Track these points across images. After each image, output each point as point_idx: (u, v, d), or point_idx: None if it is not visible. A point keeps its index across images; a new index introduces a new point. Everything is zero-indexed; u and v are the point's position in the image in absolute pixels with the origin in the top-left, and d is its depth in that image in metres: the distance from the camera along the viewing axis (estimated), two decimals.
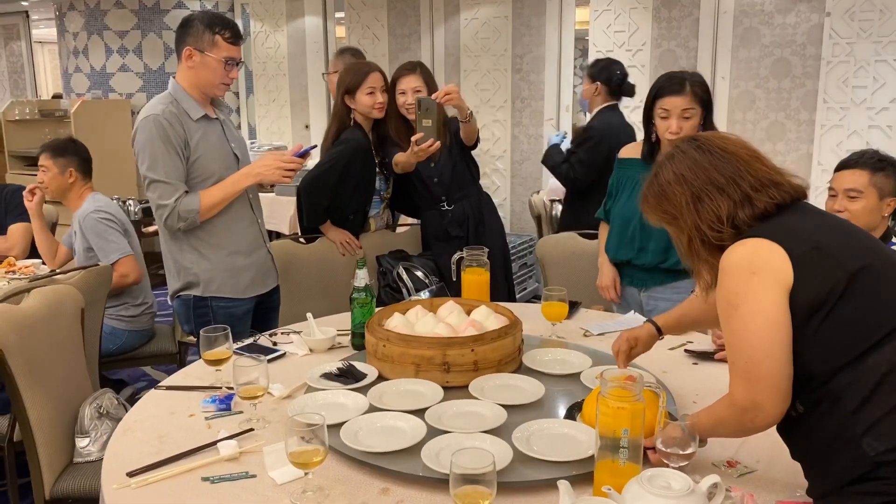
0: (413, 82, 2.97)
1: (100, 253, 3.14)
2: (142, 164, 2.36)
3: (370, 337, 1.94)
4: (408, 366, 1.84)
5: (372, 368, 1.92)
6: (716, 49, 4.67)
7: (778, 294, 1.23)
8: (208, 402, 1.80)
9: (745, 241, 1.29)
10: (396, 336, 1.87)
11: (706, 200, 1.33)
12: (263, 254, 2.60)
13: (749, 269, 1.26)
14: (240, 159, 2.54)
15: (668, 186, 1.38)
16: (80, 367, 2.39)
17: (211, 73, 2.38)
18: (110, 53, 6.61)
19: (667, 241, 2.44)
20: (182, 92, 2.40)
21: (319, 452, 1.37)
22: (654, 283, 2.51)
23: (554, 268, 3.13)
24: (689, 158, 1.37)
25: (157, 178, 2.34)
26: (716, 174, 1.34)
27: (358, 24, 6.12)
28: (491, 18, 5.48)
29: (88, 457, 2.21)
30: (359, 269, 2.17)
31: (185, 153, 2.36)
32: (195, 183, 2.41)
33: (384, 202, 3.24)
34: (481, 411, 1.68)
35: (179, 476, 1.49)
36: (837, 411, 1.22)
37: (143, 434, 1.68)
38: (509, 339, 1.91)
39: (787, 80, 4.53)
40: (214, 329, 1.88)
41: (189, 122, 2.38)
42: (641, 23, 4.91)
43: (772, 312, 1.23)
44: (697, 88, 2.39)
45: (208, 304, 2.47)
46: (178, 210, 2.34)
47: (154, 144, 2.32)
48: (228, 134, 2.53)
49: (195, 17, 2.40)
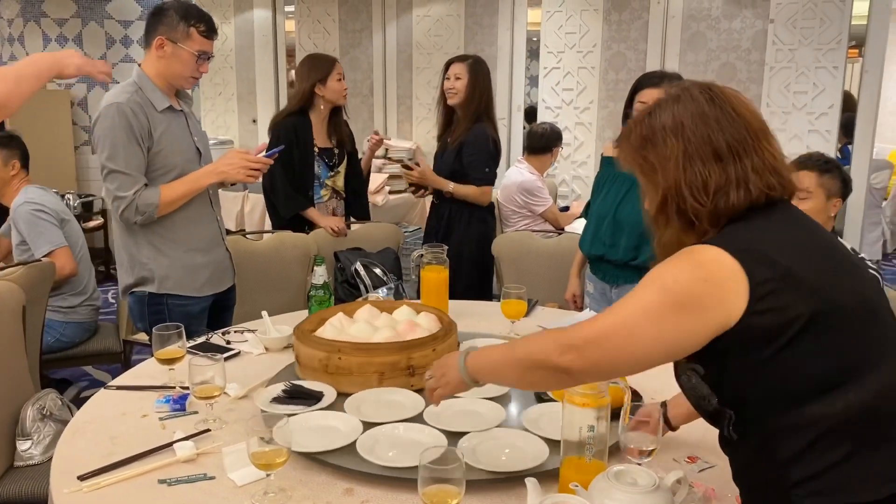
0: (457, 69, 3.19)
1: (31, 244, 3.04)
2: (101, 153, 2.28)
3: (315, 351, 1.78)
4: (370, 375, 1.74)
5: (324, 385, 1.75)
6: (664, 52, 4.77)
7: (703, 327, 1.07)
8: (162, 402, 1.74)
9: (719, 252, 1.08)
10: (352, 346, 1.77)
11: (698, 163, 1.14)
12: (222, 252, 2.54)
13: (704, 279, 1.07)
14: (202, 154, 2.48)
15: (661, 132, 1.17)
16: (21, 367, 2.29)
17: (181, 65, 2.32)
18: (48, 42, 6.36)
19: (638, 238, 2.48)
20: (148, 81, 2.33)
21: (282, 453, 1.34)
22: (624, 280, 2.54)
23: (509, 265, 3.14)
24: (697, 108, 1.16)
25: (116, 169, 2.26)
26: (720, 137, 1.13)
27: (308, 18, 6.04)
28: (443, 16, 5.47)
29: (30, 460, 2.13)
30: (317, 266, 2.14)
31: (147, 144, 2.29)
32: (156, 175, 2.33)
33: (329, 190, 3.28)
34: (475, 408, 1.68)
35: (134, 479, 1.44)
36: (770, 455, 1.11)
37: (93, 435, 1.61)
38: (455, 337, 1.91)
39: (733, 83, 4.63)
40: (167, 327, 1.82)
41: (153, 113, 2.31)
42: (592, 25, 4.97)
43: (675, 337, 1.08)
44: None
45: (164, 301, 2.40)
46: (137, 203, 2.27)
47: (115, 134, 2.24)
48: (192, 127, 2.47)
49: (170, 6, 2.32)
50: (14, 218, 3.10)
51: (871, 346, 1.09)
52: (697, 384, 1.18)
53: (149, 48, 2.34)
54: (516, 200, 4.18)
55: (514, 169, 4.32)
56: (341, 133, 3.29)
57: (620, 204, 2.55)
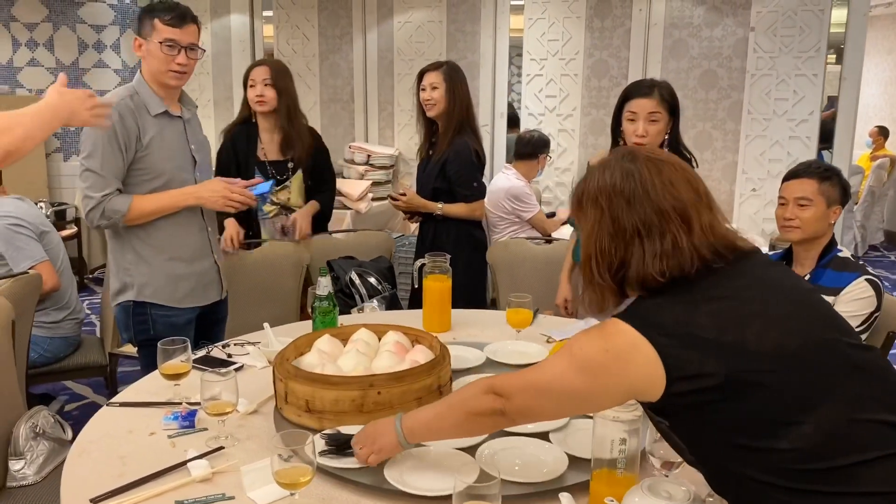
0: (432, 78, 3.03)
1: (10, 261, 2.94)
2: (82, 152, 2.26)
3: (348, 392, 1.60)
4: (410, 404, 1.60)
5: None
6: (646, 60, 4.80)
7: (609, 389, 1.17)
8: (170, 419, 1.69)
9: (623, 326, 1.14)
10: (387, 377, 1.62)
11: (605, 238, 1.21)
12: (208, 264, 2.47)
13: (605, 349, 1.15)
14: (197, 162, 2.43)
15: (585, 199, 1.24)
16: (12, 384, 2.22)
17: (155, 60, 2.27)
18: (17, 46, 6.22)
19: None
20: (144, 86, 2.31)
21: (307, 472, 1.30)
22: None
23: (504, 273, 3.13)
24: (613, 182, 1.21)
25: (90, 168, 2.23)
26: (627, 217, 1.19)
27: (287, 23, 5.98)
28: (425, 22, 5.46)
29: (24, 480, 2.05)
30: (322, 277, 2.10)
31: (133, 147, 2.25)
32: (142, 180, 2.29)
33: (276, 206, 3.10)
34: None
35: (149, 500, 1.38)
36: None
37: (101, 455, 1.55)
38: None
39: (714, 91, 4.70)
40: (172, 341, 1.77)
41: (146, 117, 2.28)
42: (574, 32, 4.99)
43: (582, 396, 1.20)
44: (665, 93, 2.44)
45: (147, 311, 2.35)
46: (104, 206, 2.23)
47: (97, 134, 2.20)
48: (190, 134, 2.41)
49: (142, 7, 2.33)
50: None
51: (813, 385, 1.10)
52: (668, 433, 1.23)
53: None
54: (504, 206, 4.17)
55: (502, 175, 4.31)
56: (295, 144, 3.03)
57: None
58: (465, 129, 3.09)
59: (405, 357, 1.80)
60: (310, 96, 5.98)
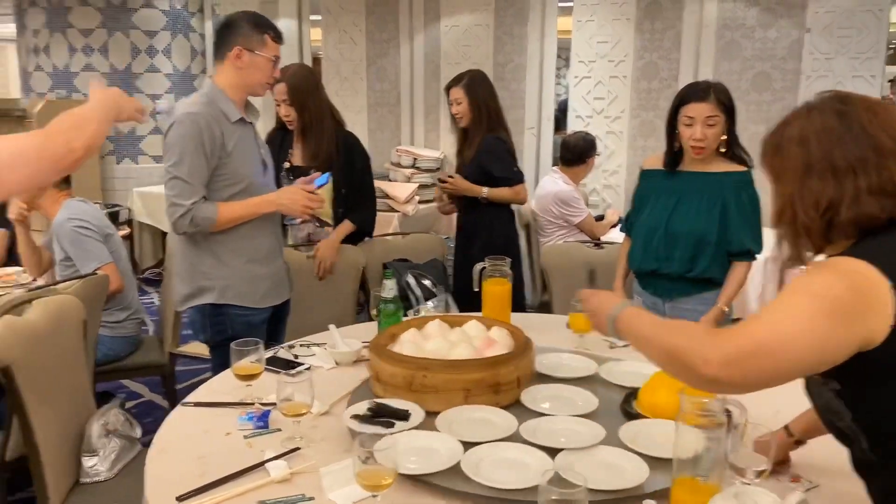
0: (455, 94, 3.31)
1: (77, 262, 3.01)
2: (168, 159, 2.30)
3: (397, 369, 1.73)
4: (456, 393, 1.70)
5: (408, 403, 1.70)
6: (698, 62, 4.74)
7: (850, 338, 1.06)
8: (245, 419, 1.71)
9: (861, 264, 1.08)
10: (441, 363, 1.73)
11: (814, 178, 1.16)
12: (280, 264, 2.54)
13: (851, 288, 1.06)
14: (266, 166, 2.49)
15: (787, 143, 1.20)
16: (84, 382, 2.28)
17: (259, 72, 2.35)
18: (74, 52, 6.38)
19: (693, 249, 2.45)
20: (220, 94, 2.35)
21: (390, 474, 1.31)
22: (679, 293, 2.51)
23: (559, 277, 3.11)
24: (824, 123, 1.17)
25: (178, 176, 2.27)
26: (839, 153, 1.14)
27: (335, 28, 6.04)
28: (472, 26, 5.46)
29: (97, 477, 2.10)
30: (386, 280, 2.12)
31: (217, 155, 2.30)
32: (224, 185, 2.34)
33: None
34: (572, 426, 1.65)
35: (232, 500, 1.41)
36: None
37: (180, 455, 1.59)
38: (532, 350, 1.89)
39: (768, 93, 4.63)
40: (246, 342, 1.80)
41: (227, 125, 2.33)
42: (624, 34, 4.95)
43: (824, 346, 1.06)
44: (721, 96, 2.42)
45: (225, 312, 2.39)
46: (194, 214, 2.28)
47: (185, 142, 2.26)
48: (258, 139, 2.48)
49: (240, 17, 2.37)
50: (57, 233, 3.06)
51: None
52: (830, 400, 1.17)
53: (222, 61, 2.35)
54: (552, 211, 4.15)
55: (549, 179, 4.29)
56: (320, 152, 3.07)
57: (672, 215, 2.52)
58: (496, 128, 3.32)
59: (485, 350, 1.84)
60: (357, 100, 6.04)
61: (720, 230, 2.45)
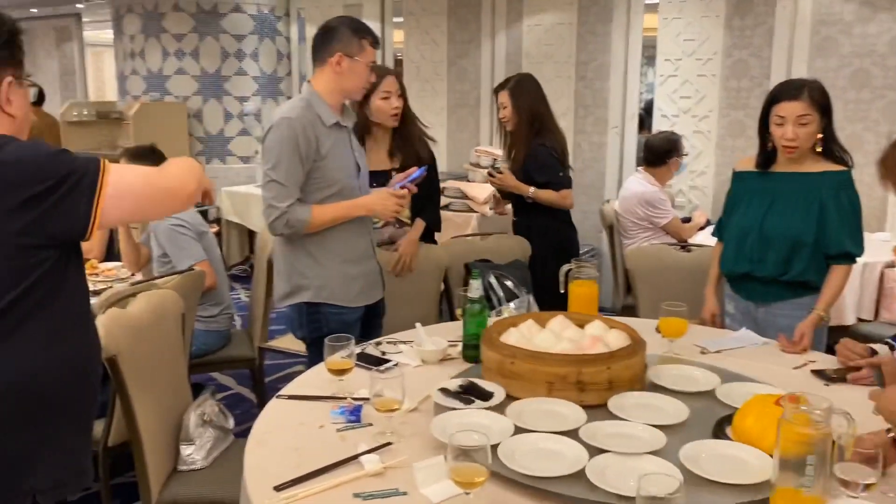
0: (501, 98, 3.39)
1: (174, 259, 3.14)
2: (266, 163, 2.38)
3: (493, 354, 1.85)
4: (539, 384, 1.75)
5: (497, 386, 1.81)
6: (791, 59, 4.57)
7: None
8: (337, 413, 1.75)
9: None
10: (526, 353, 1.79)
11: None
12: (373, 265, 2.60)
13: None
14: (360, 169, 2.54)
15: None
16: (182, 374, 2.37)
17: (357, 77, 2.41)
18: (167, 56, 6.64)
19: (788, 251, 2.37)
20: (318, 97, 2.41)
21: (483, 472, 1.32)
22: (773, 297, 2.43)
23: (644, 279, 3.06)
24: None
25: (275, 179, 2.34)
26: None
27: (417, 29, 6.10)
28: (555, 25, 5.42)
29: (193, 465, 2.18)
30: (473, 280, 2.12)
31: (312, 158, 2.36)
32: (317, 188, 2.40)
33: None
34: (635, 432, 1.61)
35: (329, 491, 1.44)
36: None
37: (277, 446, 1.63)
38: (639, 357, 1.84)
39: (867, 90, 4.42)
40: (338, 338, 1.84)
41: (322, 129, 2.39)
42: (712, 31, 4.82)
43: None
44: (815, 94, 2.33)
45: (321, 310, 2.47)
46: (289, 216, 2.35)
47: (282, 146, 2.33)
48: (353, 143, 2.54)
49: (340, 23, 2.42)
50: (155, 232, 3.21)
51: None
52: None
53: (322, 66, 2.42)
54: (636, 212, 4.07)
55: (634, 179, 4.21)
56: (406, 153, 3.03)
57: (766, 217, 2.44)
58: (542, 131, 3.35)
59: (588, 348, 1.86)
60: (437, 101, 6.08)
61: (817, 231, 2.36)
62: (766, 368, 2.06)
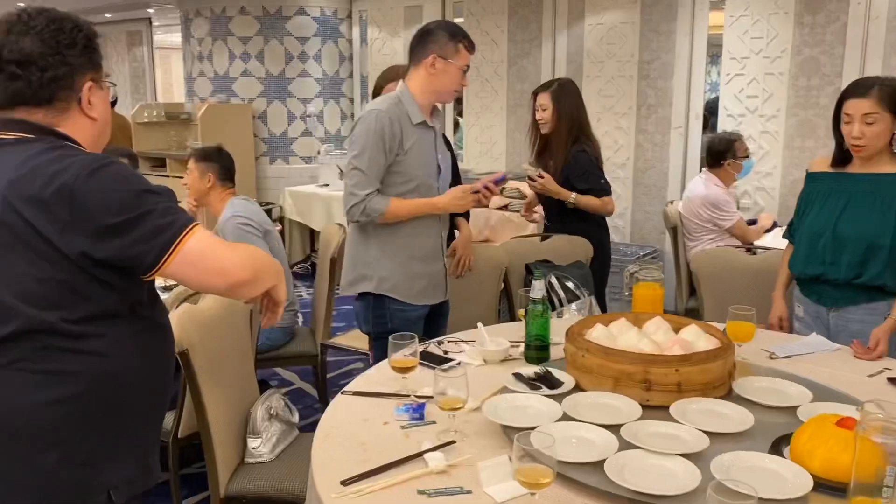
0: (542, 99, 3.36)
1: None
2: (351, 151, 2.47)
3: (569, 346, 1.92)
4: (606, 379, 1.79)
5: (569, 377, 1.89)
6: (865, 57, 4.42)
7: None
8: (402, 410, 1.78)
9: None
10: (597, 347, 1.83)
11: None
12: (439, 266, 2.64)
13: None
14: (441, 170, 2.59)
15: None
16: (250, 368, 2.44)
17: (450, 79, 2.48)
18: (233, 59, 6.81)
19: (863, 254, 2.30)
20: (409, 96, 2.49)
21: (549, 474, 1.32)
22: (846, 301, 2.36)
23: (709, 282, 3.00)
24: None
25: (358, 167, 2.43)
26: None
27: (477, 30, 6.11)
28: (617, 24, 5.36)
29: (260, 458, 2.24)
30: (535, 281, 2.12)
31: (395, 152, 2.44)
32: (396, 182, 2.47)
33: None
34: (680, 434, 1.60)
35: (393, 487, 1.46)
36: None
37: (343, 441, 1.66)
38: (719, 363, 1.79)
39: None
40: (403, 336, 1.86)
41: (407, 125, 2.46)
42: (781, 29, 4.70)
43: None
44: (885, 92, 2.26)
45: (385, 305, 2.52)
46: (366, 205, 2.42)
47: (368, 136, 2.41)
48: (438, 144, 2.59)
49: (437, 26, 2.50)
50: (222, 229, 3.29)
51: None
52: None
53: (417, 66, 2.49)
54: (700, 214, 4.00)
55: (698, 181, 4.14)
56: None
57: (840, 218, 2.37)
58: (580, 138, 3.33)
59: (667, 348, 1.88)
60: (497, 101, 6.08)
61: (894, 234, 2.28)
62: (838, 376, 2.00)
